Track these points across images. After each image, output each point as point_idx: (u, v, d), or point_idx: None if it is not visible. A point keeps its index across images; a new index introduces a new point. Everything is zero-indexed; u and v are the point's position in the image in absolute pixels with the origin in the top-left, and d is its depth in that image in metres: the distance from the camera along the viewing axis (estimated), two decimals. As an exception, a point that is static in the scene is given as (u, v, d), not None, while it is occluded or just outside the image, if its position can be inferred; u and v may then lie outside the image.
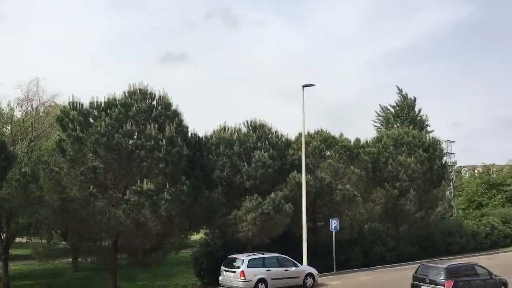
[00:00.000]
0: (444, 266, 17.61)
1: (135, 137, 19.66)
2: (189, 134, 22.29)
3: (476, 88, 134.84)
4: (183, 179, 19.95)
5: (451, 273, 16.96)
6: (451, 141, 44.30)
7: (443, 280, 16.63)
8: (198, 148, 22.31)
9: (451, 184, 41.98)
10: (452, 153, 44.21)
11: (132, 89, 20.48)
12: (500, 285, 18.48)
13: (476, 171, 55.92)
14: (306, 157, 25.34)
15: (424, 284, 17.30)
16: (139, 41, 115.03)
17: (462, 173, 57.45)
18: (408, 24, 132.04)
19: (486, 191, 45.99)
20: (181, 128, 21.11)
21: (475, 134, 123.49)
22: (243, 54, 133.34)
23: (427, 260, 22.67)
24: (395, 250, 28.37)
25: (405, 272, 25.10)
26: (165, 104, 20.69)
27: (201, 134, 23.38)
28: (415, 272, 18.40)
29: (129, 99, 20.01)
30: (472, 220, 36.65)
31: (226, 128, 23.77)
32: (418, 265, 19.70)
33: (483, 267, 18.58)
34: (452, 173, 43.65)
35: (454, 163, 46.33)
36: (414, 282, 18.10)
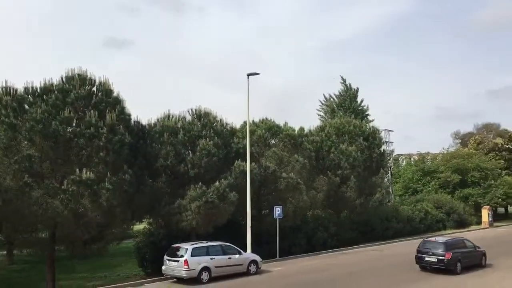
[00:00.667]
0: (443, 241, 21.53)
1: (73, 124, 18.83)
2: (132, 122, 21.70)
3: (414, 79, 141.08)
4: (125, 168, 19.42)
5: (448, 246, 20.79)
6: (390, 130, 46.27)
7: (443, 252, 20.41)
8: (141, 136, 21.79)
9: (389, 171, 43.88)
10: (390, 142, 46.23)
11: (70, 74, 19.61)
12: (481, 255, 22.71)
13: (412, 159, 58.67)
14: (251, 145, 25.52)
15: (428, 255, 20.97)
16: (79, 25, 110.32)
17: (400, 161, 60.10)
18: (350, 15, 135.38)
19: (421, 178, 48.28)
20: (123, 116, 20.46)
21: (412, 123, 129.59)
22: (188, 42, 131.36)
23: (427, 236, 27.19)
24: (337, 235, 29.27)
25: (345, 256, 26.16)
26: (106, 90, 19.96)
27: (144, 122, 22.89)
28: (418, 247, 21.84)
29: (67, 85, 19.11)
30: (407, 206, 38.51)
31: (170, 116, 23.33)
32: (359, 248, 21.22)
33: (470, 241, 22.73)
34: (390, 161, 45.56)
35: (392, 151, 48.47)
36: (419, 255, 21.50)
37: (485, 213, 43.78)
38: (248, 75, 23.65)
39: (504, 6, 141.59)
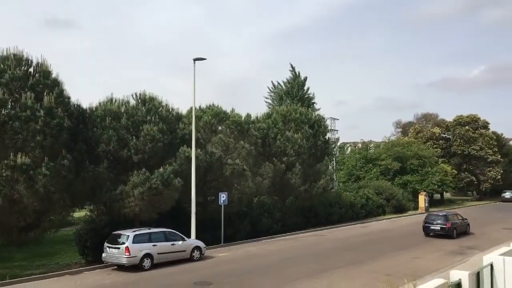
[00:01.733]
0: (444, 214, 29.09)
1: (8, 106, 17.98)
2: (71, 105, 20.94)
3: (362, 69, 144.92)
4: (64, 153, 18.79)
5: (448, 218, 28.10)
6: (335, 119, 47.37)
7: (445, 222, 27.62)
8: (81, 120, 21.10)
9: (334, 159, 45.04)
10: (335, 130, 47.33)
11: (5, 54, 18.61)
12: (467, 225, 29.83)
13: (356, 147, 60.57)
14: (197, 131, 25.36)
15: (433, 224, 28.10)
16: (18, 4, 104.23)
17: (345, 149, 61.89)
18: (300, 4, 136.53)
19: (364, 165, 49.99)
20: (62, 99, 19.73)
21: (358, 112, 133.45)
22: (135, 24, 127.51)
23: (431, 211, 36.67)
24: (281, 221, 29.81)
25: (289, 241, 26.72)
26: (43, 71, 19.15)
27: (85, 105, 22.15)
28: (425, 219, 29.26)
29: (2, 65, 18.19)
30: (350, 192, 39.83)
31: (113, 100, 22.67)
32: (304, 233, 23.01)
33: (460, 215, 30.05)
34: (335, 149, 46.76)
35: (337, 139, 49.73)
36: (426, 225, 28.69)
37: (422, 199, 46.07)
38: (194, 60, 23.37)
39: (444, 1, 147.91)
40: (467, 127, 62.03)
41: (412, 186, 47.58)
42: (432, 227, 28.06)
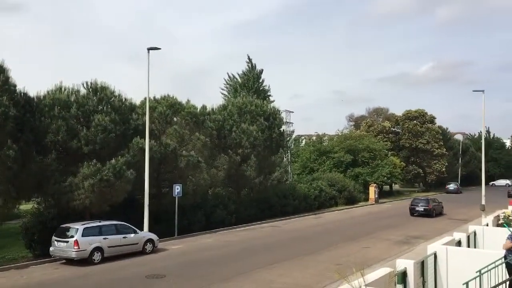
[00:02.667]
0: (426, 198, 36.69)
1: None
2: (18, 93, 20.01)
3: (318, 63, 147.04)
4: (9, 143, 17.98)
5: (429, 201, 35.46)
6: (290, 111, 47.89)
7: (427, 204, 34.80)
8: (28, 109, 20.19)
9: (288, 151, 45.60)
10: (290, 123, 47.88)
11: None
12: (442, 207, 37.00)
13: (311, 139, 61.54)
14: (152, 122, 24.92)
15: (418, 206, 35.18)
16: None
17: (300, 142, 62.75)
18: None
19: (318, 158, 50.89)
20: (7, 86, 18.85)
21: (313, 105, 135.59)
22: (88, 10, 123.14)
23: (416, 196, 42.51)
24: (236, 213, 29.89)
25: (243, 233, 26.88)
26: (-14, 57, 18.15)
27: (33, 94, 21.21)
28: (411, 202, 36.52)
29: None
30: (304, 184, 40.49)
31: (63, 89, 21.88)
32: (258, 225, 23.95)
33: (437, 199, 38.26)
34: (289, 141, 47.33)
35: (292, 132, 50.36)
36: (412, 206, 35.63)
37: (372, 191, 47.54)
38: (149, 49, 22.88)
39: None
40: (415, 121, 64.45)
41: (363, 178, 48.95)
42: (417, 209, 34.98)
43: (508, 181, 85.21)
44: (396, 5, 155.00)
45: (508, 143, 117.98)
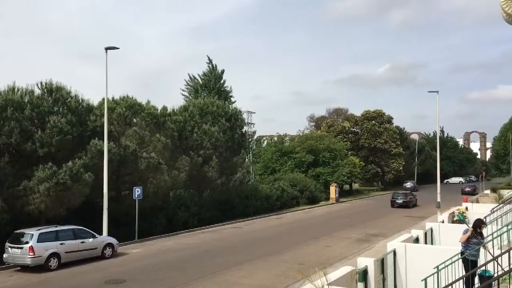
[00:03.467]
0: (404, 192, 44.23)
1: None
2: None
3: (278, 64, 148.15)
4: (-44, 146, 17.09)
5: (406, 195, 42.41)
6: (252, 112, 48.00)
7: (405, 197, 41.24)
8: (-22, 111, 19.28)
9: (250, 152, 45.67)
10: (252, 123, 47.98)
11: None
12: (416, 199, 43.14)
13: (272, 140, 61.88)
14: (110, 124, 24.36)
15: (398, 199, 41.29)
16: None
17: (262, 142, 62.96)
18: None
19: (279, 158, 51.22)
20: (-46, 86, 17.90)
21: (274, 106, 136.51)
22: (43, 8, 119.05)
23: (396, 191, 48.05)
24: (198, 215, 29.61)
25: (206, 235, 26.66)
26: None
27: (-19, 94, 20.25)
28: (392, 196, 42.89)
29: None
30: (266, 185, 40.63)
31: (16, 89, 21.05)
32: (220, 226, 23.10)
33: (413, 192, 46.77)
34: (251, 142, 47.43)
35: (254, 132, 50.49)
36: (393, 199, 41.82)
37: (333, 190, 48.29)
38: (106, 49, 22.30)
39: (354, 2, 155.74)
40: (373, 121, 66.03)
41: (324, 178, 49.64)
42: (397, 201, 41.20)
43: (461, 179, 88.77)
44: (353, 8, 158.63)
45: (461, 142, 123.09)
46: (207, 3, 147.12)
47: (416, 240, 13.85)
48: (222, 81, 48.30)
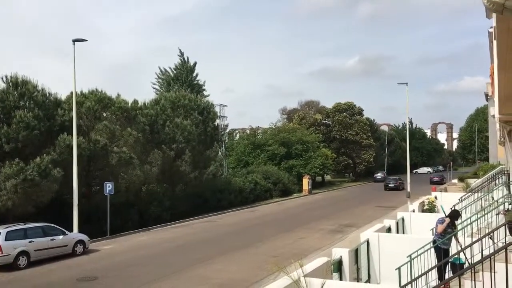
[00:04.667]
0: (394, 177, 54.31)
1: None
2: None
3: (250, 57, 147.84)
4: None
5: (397, 180, 51.97)
6: (224, 105, 47.72)
7: (396, 182, 51.07)
8: None
9: (223, 145, 45.48)
10: (225, 117, 47.73)
11: None
12: (403, 183, 48.12)
13: (245, 133, 61.82)
14: (79, 118, 23.81)
15: (390, 183, 51.11)
16: None
17: (234, 135, 62.79)
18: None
19: (252, 151, 51.24)
20: None
21: (246, 99, 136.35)
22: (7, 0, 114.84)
23: (389, 176, 59.81)
24: (171, 209, 29.33)
25: (179, 229, 26.46)
26: None
27: None
28: (385, 181, 54.65)
29: None
30: (239, 178, 40.58)
31: (-21, 83, 20.29)
32: (193, 220, 22.74)
33: (401, 178, 52.14)
34: (224, 135, 47.21)
35: (227, 126, 50.23)
36: (385, 183, 52.00)
37: (306, 182, 48.68)
38: (74, 41, 21.67)
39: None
40: (344, 113, 66.81)
41: (297, 170, 49.96)
42: (389, 185, 50.61)
43: (429, 169, 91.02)
44: (321, 2, 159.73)
45: (429, 133, 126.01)
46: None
47: (389, 230, 14.09)
48: (194, 74, 47.85)
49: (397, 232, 14.99)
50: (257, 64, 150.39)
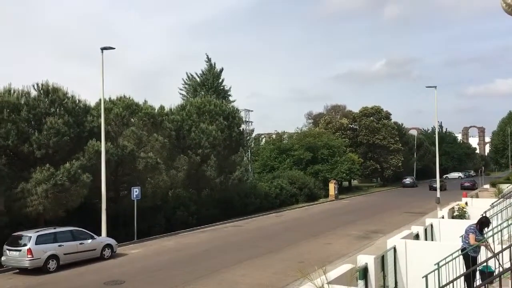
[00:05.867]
0: (412, 176, 69.34)
1: None
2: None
3: (275, 62, 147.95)
4: (-47, 149, 16.97)
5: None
6: (249, 110, 47.86)
7: (440, 183, 40.87)
8: (-26, 113, 19.16)
9: (249, 150, 45.57)
10: (250, 122, 47.87)
11: None
12: (446, 185, 54.60)
13: (270, 138, 61.77)
14: (108, 124, 24.25)
15: (434, 184, 48.80)
16: None
17: (260, 140, 62.84)
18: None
19: (278, 156, 51.14)
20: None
21: (271, 104, 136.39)
22: (36, 10, 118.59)
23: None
24: (197, 214, 29.50)
25: (205, 234, 26.59)
26: None
27: (-21, 97, 20.13)
28: (430, 182, 57.77)
29: None
30: (265, 183, 40.54)
31: (12, 91, 20.90)
32: (220, 225, 22.49)
33: (444, 180, 60.65)
34: (249, 140, 47.31)
35: (252, 130, 50.37)
36: (430, 184, 56.15)
37: (332, 187, 48.21)
38: (102, 49, 22.16)
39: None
40: (371, 118, 65.95)
41: (323, 175, 49.56)
42: (433, 186, 49.92)
43: (460, 174, 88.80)
44: (346, 4, 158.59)
45: (459, 137, 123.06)
46: (202, 1, 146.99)
47: (416, 237, 13.77)
48: (220, 80, 48.12)
49: (426, 239, 14.65)
50: (282, 68, 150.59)
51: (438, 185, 37.00)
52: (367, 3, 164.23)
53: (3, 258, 17.50)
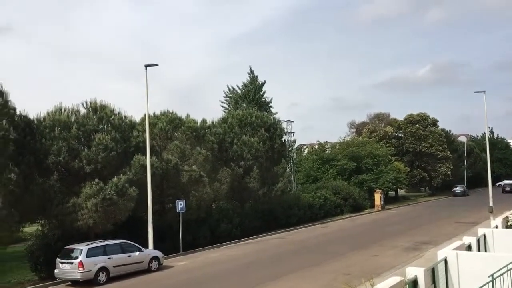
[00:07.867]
0: (510, 183, 66.62)
1: None
2: (18, 116, 20.01)
3: (314, 71, 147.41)
4: (10, 166, 17.88)
5: (465, 188, 64.68)
6: (291, 121, 47.68)
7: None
8: (28, 132, 20.16)
9: (291, 161, 45.35)
10: (292, 132, 47.66)
11: None
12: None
13: (313, 148, 61.27)
14: (152, 139, 24.86)
15: (506, 187, 64.48)
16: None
17: (302, 151, 62.44)
18: (249, 8, 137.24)
19: (321, 166, 50.54)
20: (7, 110, 18.83)
21: (312, 113, 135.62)
22: (79, 29, 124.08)
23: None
24: (241, 226, 29.59)
25: (249, 246, 26.62)
26: (-15, 81, 18.16)
27: (32, 116, 21.22)
28: (503, 185, 66.65)
29: None
30: (308, 194, 40.12)
31: (62, 110, 21.89)
32: (264, 237, 22.44)
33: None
34: (291, 151, 47.09)
35: (294, 141, 50.14)
36: (503, 187, 65.39)
37: (378, 197, 47.13)
38: (146, 66, 22.86)
39: (387, 3, 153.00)
40: (417, 125, 64.11)
41: (368, 185, 48.54)
42: (506, 188, 62.00)
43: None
44: (386, 9, 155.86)
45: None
46: (239, 13, 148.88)
47: (469, 248, 13.21)
48: (262, 92, 48.22)
49: (478, 250, 14.01)
50: (322, 77, 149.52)
51: (490, 194, 35.38)
52: (407, 7, 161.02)
53: (56, 271, 18.19)
